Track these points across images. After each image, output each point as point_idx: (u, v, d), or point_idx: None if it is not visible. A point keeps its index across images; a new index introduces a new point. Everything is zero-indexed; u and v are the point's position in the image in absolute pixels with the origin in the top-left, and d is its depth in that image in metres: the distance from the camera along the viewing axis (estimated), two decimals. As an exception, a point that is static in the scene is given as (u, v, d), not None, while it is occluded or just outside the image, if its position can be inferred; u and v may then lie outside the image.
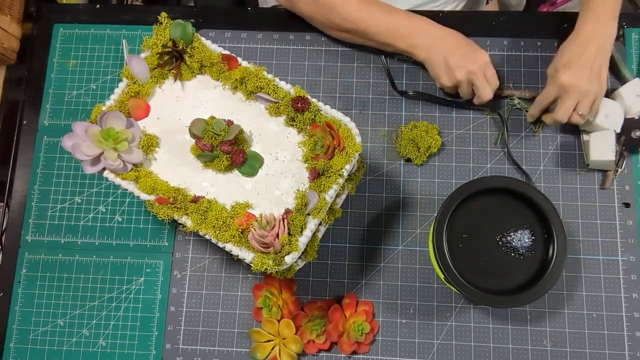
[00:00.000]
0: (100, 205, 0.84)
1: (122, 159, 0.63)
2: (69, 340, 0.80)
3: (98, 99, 0.87)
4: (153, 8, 0.95)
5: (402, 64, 0.86)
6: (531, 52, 0.85)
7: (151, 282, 0.80)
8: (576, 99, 0.73)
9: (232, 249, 0.60)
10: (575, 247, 0.78)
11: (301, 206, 0.60)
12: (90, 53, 0.89)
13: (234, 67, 0.66)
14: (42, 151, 0.86)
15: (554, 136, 0.82)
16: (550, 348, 0.75)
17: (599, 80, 0.72)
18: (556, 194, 0.80)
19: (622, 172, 0.80)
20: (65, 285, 0.81)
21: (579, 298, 0.77)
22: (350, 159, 0.61)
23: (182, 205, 0.61)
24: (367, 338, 0.75)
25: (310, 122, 0.63)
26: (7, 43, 0.91)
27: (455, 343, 0.76)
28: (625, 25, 0.85)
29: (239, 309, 0.79)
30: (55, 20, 0.91)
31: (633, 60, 0.84)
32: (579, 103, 0.73)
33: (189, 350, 0.78)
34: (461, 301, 0.78)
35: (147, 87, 0.67)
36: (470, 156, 0.82)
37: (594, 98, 0.73)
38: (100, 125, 0.63)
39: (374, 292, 0.79)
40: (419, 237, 0.80)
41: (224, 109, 0.66)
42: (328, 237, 0.81)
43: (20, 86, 0.90)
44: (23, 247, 0.83)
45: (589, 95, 0.72)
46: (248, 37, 0.88)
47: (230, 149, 0.62)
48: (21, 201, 0.84)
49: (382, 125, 0.84)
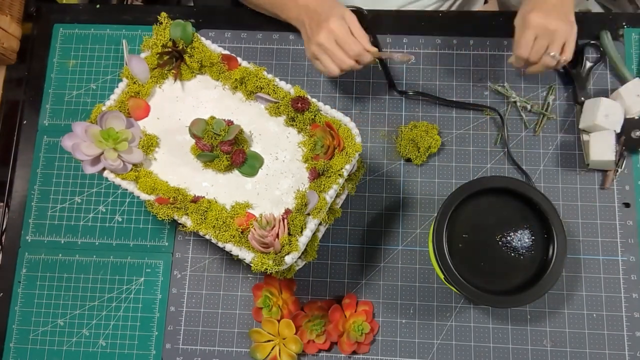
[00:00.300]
0: (100, 205, 0.84)
1: (122, 159, 0.63)
2: (69, 340, 0.80)
3: (98, 99, 0.87)
4: (153, 8, 0.95)
5: (402, 64, 0.86)
6: (531, 52, 0.85)
7: (151, 282, 0.80)
8: (547, 39, 0.70)
9: (232, 249, 0.60)
10: (575, 247, 0.78)
11: (301, 206, 0.60)
12: (90, 53, 0.89)
13: (234, 67, 0.66)
14: (42, 151, 0.86)
15: (554, 136, 0.82)
16: (550, 348, 0.75)
17: (567, 20, 0.70)
18: (556, 194, 0.80)
19: (622, 172, 0.80)
20: (65, 285, 0.81)
21: (579, 298, 0.77)
22: (350, 159, 0.61)
23: (182, 205, 0.61)
24: (367, 338, 0.75)
25: (310, 122, 0.63)
26: (7, 43, 0.91)
27: (455, 343, 0.76)
28: (625, 25, 0.85)
29: (239, 309, 0.79)
30: (55, 20, 0.91)
31: (633, 60, 0.84)
32: (550, 44, 0.70)
33: (189, 350, 0.78)
34: (461, 301, 0.78)
35: (147, 87, 0.67)
36: (470, 156, 0.82)
37: (565, 38, 0.70)
38: (100, 125, 0.63)
39: (374, 292, 0.79)
40: (419, 237, 0.80)
41: (224, 109, 0.66)
42: (328, 237, 0.81)
43: (20, 86, 0.90)
44: (23, 247, 0.83)
45: (558, 34, 0.70)
46: (248, 37, 0.88)
47: (230, 149, 0.62)
48: (21, 201, 0.84)
49: (382, 125, 0.84)
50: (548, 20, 0.69)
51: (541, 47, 0.70)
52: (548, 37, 0.70)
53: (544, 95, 0.84)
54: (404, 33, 0.88)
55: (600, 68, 0.84)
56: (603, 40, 0.83)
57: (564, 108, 0.83)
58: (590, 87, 0.83)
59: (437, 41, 0.87)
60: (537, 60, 0.71)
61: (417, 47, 0.87)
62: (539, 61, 0.71)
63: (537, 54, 0.71)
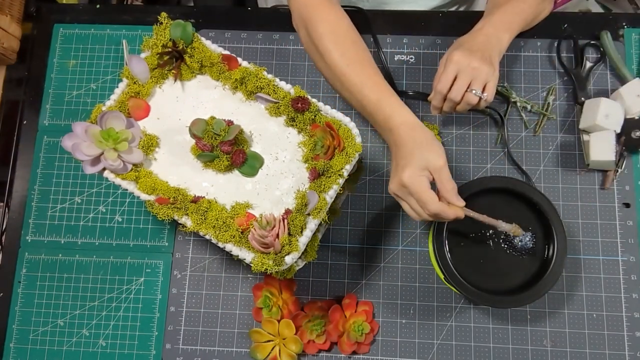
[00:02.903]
0: (100, 205, 0.84)
1: (122, 159, 0.63)
2: (69, 340, 0.80)
3: (98, 99, 0.87)
4: (153, 8, 0.95)
5: (402, 64, 0.86)
6: (531, 52, 0.85)
7: (151, 282, 0.80)
8: (469, 76, 0.70)
9: (232, 249, 0.60)
10: (575, 247, 0.78)
11: (301, 206, 0.60)
12: (90, 53, 0.89)
13: (234, 67, 0.66)
14: (42, 151, 0.86)
15: (554, 136, 0.82)
16: (550, 348, 0.75)
17: (490, 63, 0.70)
18: (556, 194, 0.80)
19: (622, 172, 0.80)
20: (65, 285, 0.81)
21: (579, 298, 0.77)
22: (350, 159, 0.61)
23: (182, 205, 0.61)
24: (367, 338, 0.75)
25: (310, 122, 0.63)
26: (7, 43, 0.91)
27: (455, 343, 0.76)
28: (625, 25, 0.85)
29: (239, 309, 0.79)
30: (55, 20, 0.91)
31: (633, 60, 0.84)
32: (472, 81, 0.70)
33: (189, 350, 0.78)
34: (461, 301, 0.78)
35: (147, 87, 0.67)
36: (470, 156, 0.82)
37: (486, 78, 0.70)
38: (100, 125, 0.62)
39: (374, 292, 0.79)
40: (419, 237, 0.80)
41: (224, 109, 0.66)
42: (328, 237, 0.81)
43: (20, 86, 0.90)
44: (23, 247, 0.83)
45: (481, 73, 0.70)
46: (248, 37, 0.88)
47: (230, 149, 0.62)
48: (21, 201, 0.84)
49: (382, 125, 0.84)
50: (470, 59, 0.69)
51: (463, 84, 0.70)
52: (469, 75, 0.70)
53: (544, 96, 0.84)
54: (404, 33, 0.88)
55: (600, 68, 0.84)
56: (603, 40, 0.83)
57: (564, 108, 0.83)
58: (590, 87, 0.83)
59: (437, 41, 0.87)
60: (459, 99, 0.71)
61: (417, 47, 0.87)
62: (462, 100, 0.71)
63: (458, 91, 0.71)
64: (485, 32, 0.72)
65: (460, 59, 0.70)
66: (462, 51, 0.70)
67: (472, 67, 0.69)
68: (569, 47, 0.85)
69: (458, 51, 0.70)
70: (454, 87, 0.71)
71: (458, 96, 0.71)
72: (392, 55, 0.86)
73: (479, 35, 0.72)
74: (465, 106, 0.73)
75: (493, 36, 0.72)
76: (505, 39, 0.73)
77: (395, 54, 0.86)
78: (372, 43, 0.87)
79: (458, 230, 0.69)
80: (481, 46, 0.71)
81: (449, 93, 0.72)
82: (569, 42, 0.85)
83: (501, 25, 0.73)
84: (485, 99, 0.71)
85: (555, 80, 0.84)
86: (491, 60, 0.70)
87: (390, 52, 0.87)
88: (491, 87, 0.71)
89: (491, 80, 0.71)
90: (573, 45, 0.85)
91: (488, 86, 0.71)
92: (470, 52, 0.70)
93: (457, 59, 0.70)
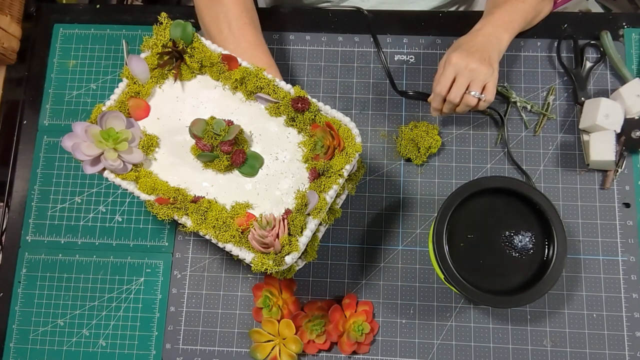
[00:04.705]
0: (100, 205, 0.84)
1: (122, 159, 0.63)
2: (69, 340, 0.80)
3: (98, 99, 0.87)
4: (153, 8, 0.95)
5: (402, 64, 0.86)
6: (531, 52, 0.85)
7: (151, 282, 0.80)
8: (468, 78, 0.70)
9: (232, 249, 0.60)
10: (575, 247, 0.78)
11: (301, 206, 0.60)
12: (90, 53, 0.89)
13: (234, 67, 0.66)
14: (42, 151, 0.86)
15: (554, 136, 0.82)
16: (550, 348, 0.75)
17: (489, 64, 0.70)
18: (556, 194, 0.80)
19: (622, 172, 0.80)
20: (65, 285, 0.81)
21: (579, 298, 0.77)
22: (350, 159, 0.61)
23: (182, 205, 0.61)
24: (367, 338, 0.75)
25: (310, 122, 0.63)
26: (7, 43, 0.91)
27: (455, 343, 0.76)
28: (625, 25, 0.85)
29: (239, 309, 0.79)
30: (55, 20, 0.91)
31: (633, 60, 0.84)
32: (471, 83, 0.71)
33: (189, 350, 0.78)
34: (461, 301, 0.78)
35: (147, 87, 0.67)
36: (470, 156, 0.82)
37: (485, 79, 0.71)
38: (100, 125, 0.62)
39: (374, 292, 0.79)
40: (419, 237, 0.80)
41: (224, 109, 0.66)
42: (328, 237, 0.81)
43: (20, 86, 0.90)
44: (23, 247, 0.83)
45: (479, 74, 0.70)
46: (248, 37, 0.88)
47: (230, 149, 0.62)
48: (21, 201, 0.84)
49: (382, 125, 0.84)
50: (468, 60, 0.69)
51: (461, 86, 0.71)
52: (468, 76, 0.70)
53: (544, 96, 0.84)
54: (404, 33, 0.88)
55: (600, 68, 0.84)
56: (603, 40, 0.83)
57: (564, 108, 0.83)
58: (590, 87, 0.83)
59: (437, 41, 0.87)
60: (458, 101, 0.72)
61: (417, 47, 0.87)
62: (461, 101, 0.72)
63: (457, 93, 0.71)
64: (485, 32, 0.72)
65: (459, 61, 0.70)
66: (460, 52, 0.70)
67: (470, 69, 0.70)
68: (569, 47, 0.85)
69: (456, 53, 0.70)
70: (452, 89, 0.71)
71: (457, 98, 0.71)
72: (392, 55, 0.86)
73: (478, 36, 0.72)
74: (465, 108, 0.73)
75: (493, 36, 0.72)
76: (505, 39, 0.73)
77: (395, 54, 0.86)
78: (372, 43, 0.87)
79: (458, 231, 0.69)
80: (480, 47, 0.71)
81: (448, 95, 0.72)
82: (569, 42, 0.85)
83: (501, 24, 0.73)
84: (484, 99, 0.71)
85: (555, 80, 0.84)
86: (490, 60, 0.70)
87: (390, 52, 0.87)
88: (490, 88, 0.71)
89: (490, 81, 0.71)
90: (573, 45, 0.85)
91: (487, 87, 0.71)
92: (468, 54, 0.70)
93: (455, 61, 0.70)
